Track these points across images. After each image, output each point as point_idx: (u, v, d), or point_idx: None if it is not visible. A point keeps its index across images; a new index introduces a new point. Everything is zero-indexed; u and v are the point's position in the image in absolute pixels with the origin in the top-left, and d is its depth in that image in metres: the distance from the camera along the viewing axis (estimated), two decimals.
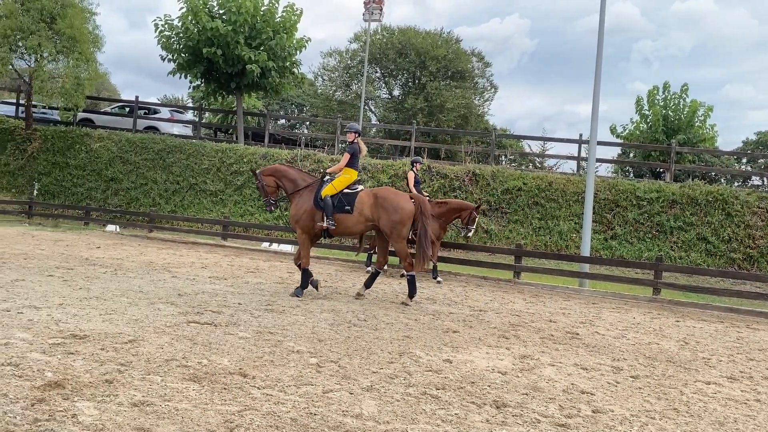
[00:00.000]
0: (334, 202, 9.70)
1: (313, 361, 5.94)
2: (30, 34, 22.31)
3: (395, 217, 9.60)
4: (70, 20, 22.71)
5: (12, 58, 23.19)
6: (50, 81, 23.29)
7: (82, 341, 5.91)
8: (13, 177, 23.98)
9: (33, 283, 8.98)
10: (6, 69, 23.17)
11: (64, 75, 23.46)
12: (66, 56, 23.54)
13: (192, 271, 12.13)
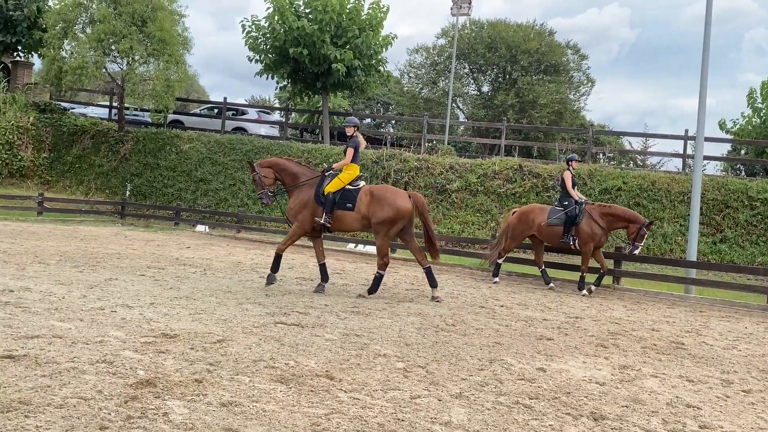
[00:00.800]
0: (336, 199, 9.88)
1: (400, 366, 5.96)
2: (122, 37, 23.49)
3: (388, 215, 9.75)
4: (160, 23, 23.76)
5: (105, 62, 24.51)
6: (141, 83, 24.45)
7: (173, 340, 6.16)
8: (106, 178, 25.31)
9: (126, 282, 9.44)
10: (100, 72, 24.50)
11: (155, 77, 24.57)
12: (156, 59, 24.64)
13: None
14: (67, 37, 24.45)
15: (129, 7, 23.65)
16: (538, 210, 13.78)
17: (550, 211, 13.51)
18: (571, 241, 13.23)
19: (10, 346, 5.44)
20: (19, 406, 4.07)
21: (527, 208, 14.18)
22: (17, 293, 7.86)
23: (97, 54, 23.81)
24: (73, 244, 14.14)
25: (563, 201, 13.53)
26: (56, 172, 25.78)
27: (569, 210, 13.23)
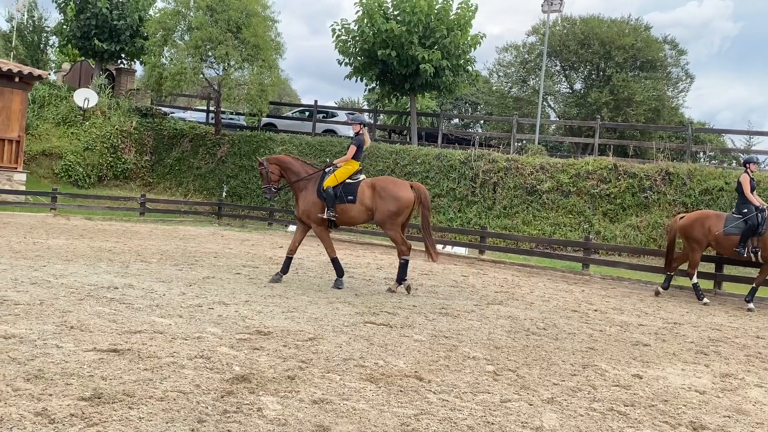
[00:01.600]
0: (336, 193, 10.02)
1: (489, 369, 5.90)
2: (218, 44, 24.33)
3: (392, 207, 9.89)
4: (254, 29, 24.47)
5: (203, 68, 25.45)
6: (237, 88, 25.25)
7: (266, 337, 6.33)
8: (204, 180, 26.28)
9: (222, 281, 9.78)
10: (197, 78, 25.47)
11: (249, 82, 25.32)
12: (251, 64, 25.39)
13: (368, 272, 12.56)
14: (166, 44, 25.56)
15: (225, 14, 24.47)
16: (714, 218, 12.49)
17: (727, 219, 12.27)
18: (751, 252, 11.96)
19: (115, 340, 5.74)
20: (123, 398, 4.29)
21: (700, 214, 12.87)
22: (121, 290, 8.27)
23: (194, 60, 24.77)
24: (173, 244, 14.76)
25: (742, 208, 12.22)
26: (157, 174, 26.99)
27: (749, 218, 11.99)
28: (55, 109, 27.20)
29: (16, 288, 7.76)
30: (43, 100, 27.26)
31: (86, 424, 3.82)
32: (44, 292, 7.68)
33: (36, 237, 13.70)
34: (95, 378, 4.64)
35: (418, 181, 22.38)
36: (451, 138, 29.91)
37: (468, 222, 21.00)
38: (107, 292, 8.01)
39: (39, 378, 4.52)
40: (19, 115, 21.57)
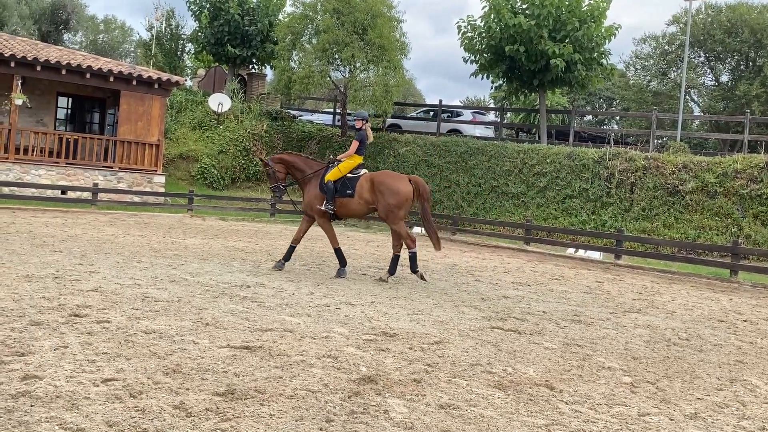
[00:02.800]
0: (337, 187, 10.44)
1: (626, 380, 5.67)
2: (345, 46, 24.92)
3: (391, 201, 10.20)
4: (379, 30, 24.87)
5: (329, 70, 26.17)
6: (362, 90, 25.76)
7: (392, 339, 6.41)
8: None
9: (348, 281, 10.01)
10: (324, 80, 26.21)
11: (374, 83, 25.76)
12: (376, 65, 25.82)
13: (494, 275, 12.43)
14: (295, 48, 26.51)
15: (351, 16, 25.03)
16: None
17: None
18: None
19: (247, 338, 6.01)
20: (255, 395, 4.48)
21: None
22: (253, 289, 8.66)
23: (321, 63, 25.51)
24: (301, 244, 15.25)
25: None
26: None
27: None
28: (191, 113, 28.88)
29: (156, 285, 8.30)
30: (180, 105, 29.02)
31: (220, 419, 4.03)
32: (182, 289, 8.17)
33: (174, 237, 14.60)
34: (229, 374, 4.88)
35: (548, 181, 21.90)
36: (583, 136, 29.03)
37: (602, 225, 20.28)
38: (240, 291, 8.40)
39: (177, 372, 4.81)
40: (158, 120, 23.09)
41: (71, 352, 5.08)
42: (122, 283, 8.22)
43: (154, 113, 22.97)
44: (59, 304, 6.68)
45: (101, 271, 8.99)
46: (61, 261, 9.63)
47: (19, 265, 8.93)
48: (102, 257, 10.42)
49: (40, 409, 3.88)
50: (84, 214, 18.34)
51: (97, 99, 25.18)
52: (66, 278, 8.24)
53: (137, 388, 4.38)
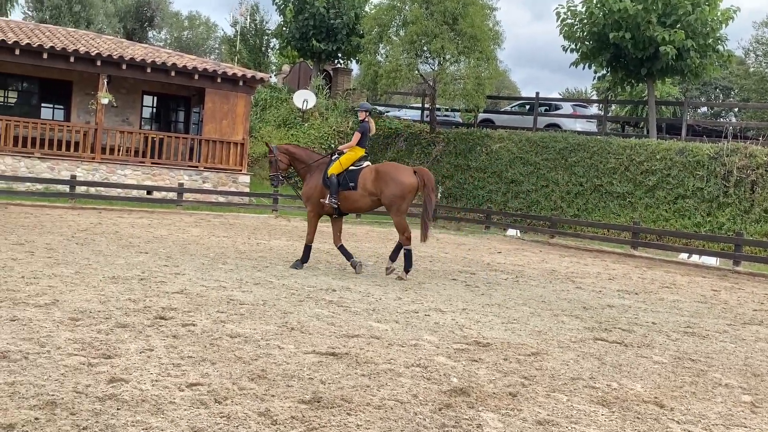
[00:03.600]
0: (339, 180, 10.70)
1: (746, 399, 5.42)
2: (434, 37, 24.92)
3: (396, 191, 10.45)
4: (471, 19, 24.74)
5: (418, 63, 26.23)
6: (452, 83, 25.69)
7: (485, 349, 6.36)
8: None
9: (438, 287, 10.00)
10: (412, 74, 26.29)
11: (465, 76, 25.64)
12: (467, 56, 25.70)
13: (598, 282, 12.15)
14: (382, 41, 26.71)
15: (440, 5, 25.00)
16: None
17: None
18: None
19: (333, 343, 6.09)
20: (341, 403, 4.54)
21: None
22: (339, 293, 8.78)
23: (409, 56, 25.60)
24: (388, 246, 15.36)
25: None
26: None
27: None
28: (275, 111, 29.58)
29: (242, 288, 8.54)
30: (264, 102, 29.78)
31: (306, 428, 4.10)
32: (267, 292, 8.38)
33: (259, 238, 14.99)
34: (315, 381, 4.96)
35: (657, 180, 21.22)
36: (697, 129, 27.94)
37: (719, 227, 19.46)
38: (325, 295, 8.54)
39: (262, 378, 4.93)
40: (243, 119, 23.76)
41: (156, 355, 5.29)
42: (207, 285, 8.50)
43: (239, 111, 23.65)
44: (145, 306, 6.97)
45: (186, 273, 9.33)
46: (147, 262, 10.05)
47: (105, 266, 9.37)
48: (187, 258, 10.81)
49: (126, 413, 4.06)
50: (169, 215, 19.08)
51: (181, 97, 26.16)
52: (151, 280, 8.59)
53: (222, 394, 4.51)
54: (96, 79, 22.07)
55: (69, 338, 5.54)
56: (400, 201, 10.53)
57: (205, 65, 23.63)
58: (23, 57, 20.48)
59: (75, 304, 6.79)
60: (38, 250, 10.37)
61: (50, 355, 5.04)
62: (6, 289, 7.27)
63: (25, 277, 8.06)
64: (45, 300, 6.88)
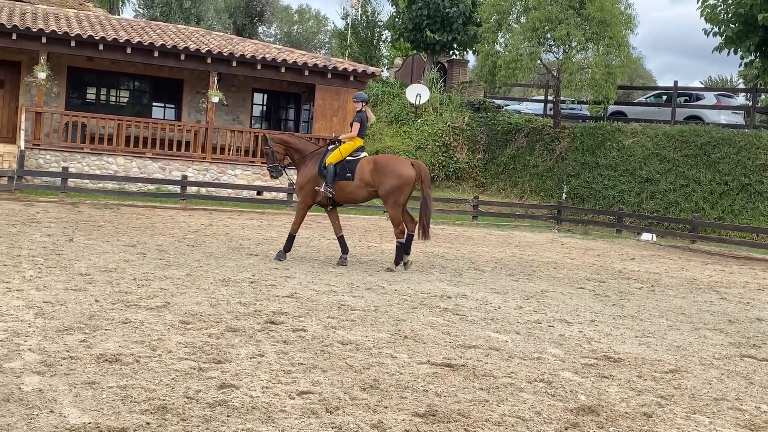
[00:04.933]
0: (337, 170, 11.05)
1: None
2: (558, 23, 24.47)
3: (394, 183, 10.86)
4: (600, 2, 24.12)
5: (540, 52, 25.82)
6: (579, 73, 25.13)
7: (617, 365, 6.19)
8: (541, 179, 26.62)
9: (563, 295, 9.81)
10: (534, 64, 25.92)
11: (594, 64, 25.02)
12: (595, 43, 25.08)
13: (745, 293, 11.60)
14: (501, 29, 26.48)
15: None
16: None
17: None
18: None
19: (448, 354, 6.09)
20: (458, 418, 4.53)
21: None
22: (454, 300, 8.77)
23: (531, 44, 25.25)
24: (507, 251, 15.24)
25: None
26: (490, 174, 28.03)
27: None
28: (387, 107, 29.87)
29: (352, 293, 8.68)
30: (376, 98, 30.12)
31: None
32: (378, 298, 8.48)
33: (370, 240, 15.18)
34: (429, 393, 4.98)
35: None
36: None
37: None
38: (440, 302, 8.55)
39: (374, 388, 5.00)
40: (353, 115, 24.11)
41: (267, 361, 5.46)
42: (318, 290, 8.70)
43: (350, 108, 24.01)
44: (255, 310, 7.21)
45: (297, 276, 9.57)
46: (257, 265, 10.38)
47: (216, 268, 9.76)
48: (297, 262, 11.10)
49: (236, 420, 4.21)
50: (279, 216, 19.63)
51: (292, 94, 26.86)
52: (262, 283, 8.87)
53: (334, 403, 4.60)
54: (206, 77, 23.01)
55: (180, 342, 5.80)
56: (397, 194, 10.99)
57: (315, 60, 24.16)
58: (135, 55, 21.61)
59: (186, 307, 7.11)
60: (150, 251, 10.92)
61: (161, 359, 5.30)
62: (118, 291, 7.70)
63: (137, 279, 8.51)
64: (156, 302, 7.24)
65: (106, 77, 24.49)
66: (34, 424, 3.91)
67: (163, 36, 22.99)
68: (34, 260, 9.27)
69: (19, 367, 4.85)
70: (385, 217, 21.57)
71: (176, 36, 23.60)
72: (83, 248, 10.69)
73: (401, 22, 32.16)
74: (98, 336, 5.79)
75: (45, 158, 20.88)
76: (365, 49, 38.45)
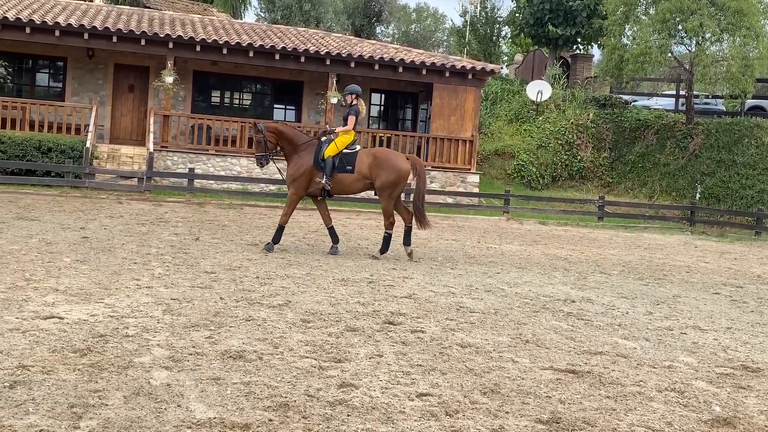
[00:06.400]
0: (335, 162, 11.26)
1: None
2: (690, 14, 23.54)
3: (391, 177, 11.28)
4: None
5: (671, 45, 24.92)
6: (713, 65, 24.14)
7: (755, 375, 5.91)
8: (672, 179, 25.68)
9: (696, 301, 9.44)
10: (664, 57, 25.05)
11: (729, 57, 23.98)
12: (731, 34, 24.03)
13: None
14: (628, 21, 25.74)
15: None
16: None
17: None
18: None
19: (573, 360, 5.97)
20: (583, 426, 4.44)
21: None
22: (579, 304, 8.58)
23: (661, 37, 24.42)
24: (636, 254, 14.79)
25: None
26: (617, 173, 27.27)
27: None
28: (507, 105, 29.59)
29: (471, 295, 8.65)
30: (495, 96, 29.90)
31: None
32: (498, 300, 8.41)
33: (489, 242, 15.09)
34: (553, 400, 4.90)
35: None
36: None
37: None
38: (563, 306, 8.40)
39: (495, 393, 4.96)
40: (472, 114, 24.04)
41: (386, 361, 5.52)
42: (436, 291, 8.72)
43: (468, 106, 23.96)
44: (374, 310, 7.30)
45: (414, 277, 9.63)
46: (375, 265, 10.52)
47: (335, 267, 9.95)
48: (415, 262, 11.16)
49: (356, 420, 4.28)
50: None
51: (409, 94, 27.00)
52: (380, 283, 8.98)
53: (453, 407, 4.60)
54: (325, 79, 23.48)
55: (301, 340, 5.95)
56: (393, 187, 11.39)
57: (433, 59, 24.20)
58: (257, 59, 22.30)
59: (306, 306, 7.29)
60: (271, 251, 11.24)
61: (283, 357, 5.45)
62: (242, 289, 7.97)
63: (260, 277, 8.78)
64: (278, 300, 7.45)
65: (229, 80, 25.39)
66: (163, 417, 4.11)
67: (283, 39, 23.62)
68: (162, 258, 9.72)
69: (148, 361, 5.10)
70: (504, 218, 21.38)
71: (296, 38, 24.19)
72: (208, 247, 11.14)
73: (522, 17, 31.78)
74: (223, 333, 6.02)
75: (172, 159, 21.84)
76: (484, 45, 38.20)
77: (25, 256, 9.01)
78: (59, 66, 23.87)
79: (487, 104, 29.40)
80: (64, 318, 6.12)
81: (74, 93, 23.32)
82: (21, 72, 23.82)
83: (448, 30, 57.87)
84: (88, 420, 3.98)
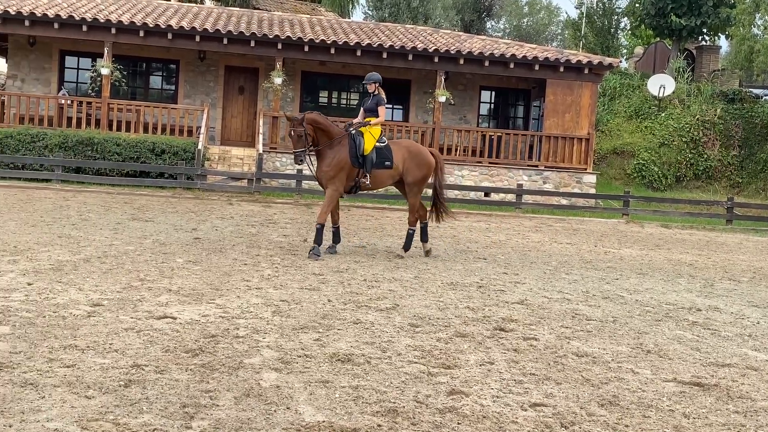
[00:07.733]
0: (374, 157, 10.86)
1: None
2: None
3: (424, 173, 11.30)
4: None
5: None
6: None
7: None
8: None
9: None
10: None
11: None
12: None
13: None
14: (759, 10, 24.69)
15: None
16: None
17: None
18: None
19: (698, 372, 5.77)
20: None
21: None
22: (705, 313, 8.28)
23: None
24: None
25: None
26: (747, 173, 26.18)
27: None
28: (626, 100, 28.85)
29: (588, 302, 8.48)
30: (613, 91, 29.21)
31: None
32: (617, 308, 8.21)
33: (607, 246, 14.74)
34: (676, 414, 4.75)
35: None
36: None
37: None
38: (688, 314, 8.12)
39: (614, 405, 4.85)
40: (588, 111, 23.54)
41: (497, 369, 5.48)
42: (549, 297, 8.59)
43: (584, 103, 23.48)
44: (484, 316, 7.26)
45: (527, 282, 9.51)
46: (485, 269, 10.45)
47: (443, 271, 9.95)
48: (527, 266, 11.03)
49: (466, 428, 4.27)
50: (507, 218, 19.61)
51: (521, 91, 26.73)
52: (490, 288, 8.91)
53: (569, 418, 4.52)
54: (433, 77, 23.51)
55: (409, 345, 5.98)
56: (423, 183, 11.42)
57: (546, 54, 23.86)
58: (364, 58, 22.55)
59: (414, 310, 7.32)
60: (379, 253, 11.38)
61: (391, 361, 5.49)
62: (350, 291, 8.08)
63: (367, 280, 8.88)
64: (386, 304, 7.51)
65: (337, 80, 25.80)
66: (272, 419, 4.21)
67: (391, 37, 23.80)
68: (271, 260, 9.98)
69: (258, 363, 5.24)
70: (623, 221, 20.85)
71: (404, 36, 24.33)
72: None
73: (642, 8, 30.92)
74: (331, 335, 6.12)
75: (281, 161, 22.34)
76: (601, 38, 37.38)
77: (140, 257, 9.42)
78: (172, 69, 24.85)
79: (604, 100, 28.75)
80: (176, 318, 6.37)
81: (186, 95, 24.25)
82: (135, 75, 24.93)
83: (563, 23, 56.98)
84: (200, 420, 4.12)
